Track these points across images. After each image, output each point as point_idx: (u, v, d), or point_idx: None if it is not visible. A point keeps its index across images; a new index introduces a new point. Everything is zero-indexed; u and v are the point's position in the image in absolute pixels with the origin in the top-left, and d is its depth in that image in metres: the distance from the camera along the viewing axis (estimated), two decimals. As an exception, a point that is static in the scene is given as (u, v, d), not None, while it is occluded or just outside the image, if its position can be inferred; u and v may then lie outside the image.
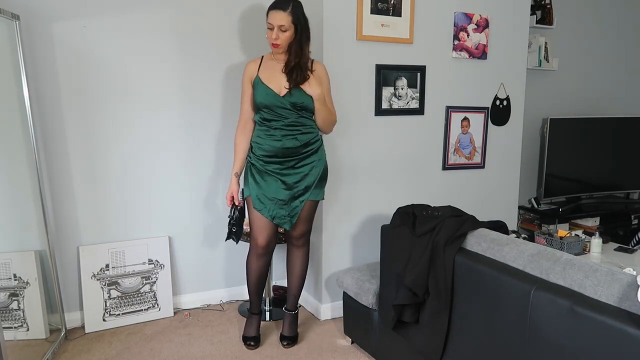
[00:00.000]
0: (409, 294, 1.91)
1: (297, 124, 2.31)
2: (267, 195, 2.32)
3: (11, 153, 2.51)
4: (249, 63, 2.39)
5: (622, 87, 4.24)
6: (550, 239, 2.93)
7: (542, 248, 1.62)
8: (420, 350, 1.94)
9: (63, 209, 2.66)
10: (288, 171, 2.33)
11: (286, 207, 2.34)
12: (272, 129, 2.30)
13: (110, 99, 2.67)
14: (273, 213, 2.34)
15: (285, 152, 2.30)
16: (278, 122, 2.29)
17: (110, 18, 2.60)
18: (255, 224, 2.37)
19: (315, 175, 2.36)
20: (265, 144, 2.32)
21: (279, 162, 2.32)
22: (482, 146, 3.17)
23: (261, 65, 2.35)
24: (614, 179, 4.01)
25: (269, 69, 2.33)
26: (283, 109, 2.28)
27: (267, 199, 2.33)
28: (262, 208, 2.33)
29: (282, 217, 2.35)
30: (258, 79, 2.32)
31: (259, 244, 2.39)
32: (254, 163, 2.36)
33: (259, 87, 2.30)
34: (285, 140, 2.29)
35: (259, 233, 2.37)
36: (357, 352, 2.49)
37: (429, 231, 1.91)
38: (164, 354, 2.46)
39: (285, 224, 2.37)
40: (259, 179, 2.33)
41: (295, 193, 2.34)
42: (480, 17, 2.98)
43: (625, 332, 1.23)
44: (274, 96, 2.27)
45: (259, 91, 2.29)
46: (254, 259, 2.43)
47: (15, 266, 2.50)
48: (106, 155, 2.71)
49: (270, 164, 2.32)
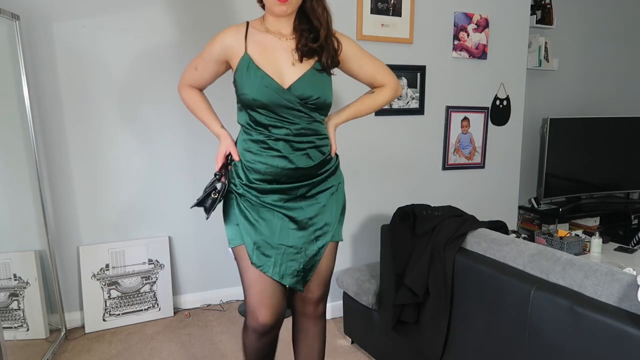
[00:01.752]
0: (409, 294, 1.91)
1: (310, 132, 1.54)
2: (269, 242, 1.54)
3: (11, 153, 2.51)
4: (227, 30, 1.56)
5: (622, 87, 4.24)
6: (550, 239, 2.93)
7: (542, 248, 1.61)
8: (420, 350, 1.94)
9: (63, 209, 2.66)
10: (297, 203, 1.56)
11: (299, 257, 1.56)
12: (273, 140, 1.52)
13: (110, 99, 2.67)
14: (282, 269, 1.54)
15: (292, 175, 1.53)
16: (281, 129, 1.51)
17: (110, 18, 2.60)
18: (254, 290, 1.55)
19: (337, 206, 1.64)
20: (260, 163, 1.53)
21: (282, 190, 1.54)
22: (482, 146, 3.17)
23: (248, 37, 1.53)
24: (614, 179, 4.01)
25: (262, 44, 1.53)
26: (289, 110, 1.50)
27: (270, 248, 1.54)
28: (264, 263, 1.53)
29: (294, 275, 1.57)
30: (248, 60, 1.50)
31: (261, 319, 1.56)
32: (242, 193, 1.56)
33: (251, 73, 1.49)
34: (293, 158, 1.52)
35: (261, 305, 1.55)
36: (357, 352, 2.49)
37: (429, 231, 1.91)
38: (164, 354, 2.46)
39: (299, 285, 1.58)
40: (254, 218, 1.54)
41: (312, 234, 1.58)
42: (480, 17, 2.98)
43: (625, 332, 1.23)
44: (277, 89, 1.48)
45: (251, 80, 1.48)
46: (254, 339, 1.62)
47: (15, 266, 2.50)
48: (106, 155, 2.71)
49: (268, 193, 1.54)
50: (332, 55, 1.55)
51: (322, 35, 1.52)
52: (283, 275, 1.55)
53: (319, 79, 1.54)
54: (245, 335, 1.66)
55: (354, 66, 1.66)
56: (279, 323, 1.63)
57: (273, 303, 1.56)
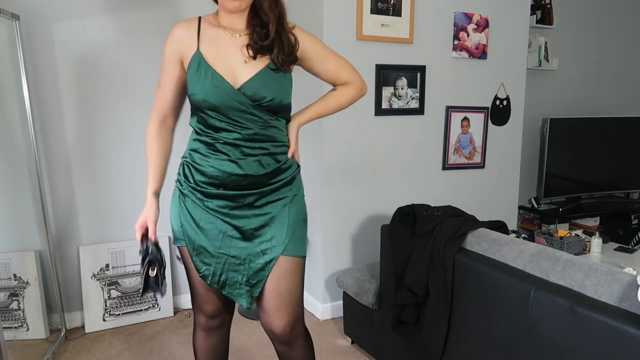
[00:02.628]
0: (409, 294, 1.91)
1: (263, 137, 1.43)
2: (209, 250, 1.47)
3: (11, 153, 2.51)
4: (177, 27, 1.48)
5: (622, 87, 4.24)
6: (550, 239, 2.93)
7: (542, 248, 1.61)
8: (420, 350, 1.94)
9: (63, 209, 2.66)
10: (243, 212, 1.45)
11: (242, 268, 1.47)
12: (221, 143, 1.42)
13: (110, 99, 2.67)
14: (222, 279, 1.48)
15: (240, 181, 1.43)
16: (232, 133, 1.41)
17: (110, 18, 2.60)
18: (198, 287, 1.55)
19: (290, 219, 1.48)
20: (208, 165, 1.44)
21: (228, 196, 1.44)
22: (482, 146, 3.17)
23: (200, 33, 1.45)
24: (614, 179, 4.01)
25: (214, 41, 1.44)
26: (241, 112, 1.39)
27: (209, 256, 1.47)
28: (203, 270, 1.48)
29: (236, 287, 1.48)
30: (199, 57, 1.41)
31: (209, 313, 1.57)
32: (186, 194, 1.49)
33: (202, 71, 1.40)
34: (242, 164, 1.42)
35: (207, 302, 1.56)
36: (357, 352, 2.49)
37: (429, 231, 1.91)
38: (164, 354, 2.46)
39: (242, 299, 1.48)
40: (196, 222, 1.47)
41: (257, 246, 1.46)
42: (480, 17, 2.98)
43: (625, 332, 1.23)
44: (227, 89, 1.38)
45: (202, 79, 1.39)
46: (202, 337, 1.62)
47: (15, 266, 2.50)
48: (106, 155, 2.71)
49: (213, 198, 1.45)
50: (287, 52, 1.43)
51: (271, 30, 1.41)
52: (223, 285, 1.49)
53: (274, 78, 1.42)
54: (195, 338, 1.64)
55: (315, 64, 1.53)
56: (227, 317, 1.63)
57: (220, 299, 1.55)
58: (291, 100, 1.49)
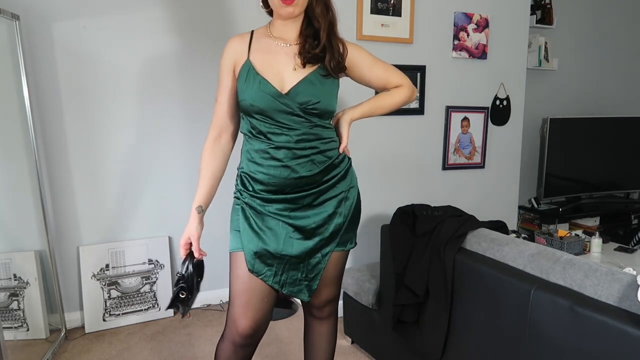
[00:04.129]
0: (409, 294, 1.91)
1: (312, 137, 1.48)
2: (272, 252, 1.49)
3: (11, 153, 2.51)
4: (232, 40, 1.55)
5: (622, 87, 4.24)
6: (550, 239, 2.93)
7: (542, 248, 1.61)
8: (420, 350, 1.94)
9: (63, 209, 2.66)
10: (303, 212, 1.50)
11: (302, 266, 1.52)
12: (273, 148, 1.46)
13: (110, 99, 2.67)
14: (282, 278, 1.51)
15: (296, 184, 1.48)
16: (281, 136, 1.45)
17: (110, 18, 2.60)
18: (240, 301, 1.51)
19: (346, 213, 1.56)
20: (263, 174, 1.48)
21: (287, 200, 1.49)
22: (482, 146, 3.17)
23: (252, 44, 1.51)
24: (614, 179, 4.01)
25: (265, 50, 1.49)
26: (287, 115, 1.44)
27: (272, 257, 1.49)
28: (264, 271, 1.49)
29: (296, 284, 1.53)
30: (249, 66, 1.47)
31: (241, 330, 1.51)
32: (248, 202, 1.51)
33: (250, 78, 1.45)
34: (295, 167, 1.46)
35: (244, 317, 1.50)
36: (357, 352, 2.49)
37: (429, 231, 1.91)
38: (164, 354, 2.46)
39: (303, 294, 1.55)
40: (259, 226, 1.50)
41: (316, 244, 1.51)
42: (480, 17, 2.98)
43: (625, 332, 1.23)
44: (273, 93, 1.43)
45: (250, 85, 1.45)
46: (230, 350, 1.55)
47: (15, 266, 2.50)
48: (106, 155, 2.71)
49: (272, 202, 1.49)
50: (337, 59, 1.48)
51: (322, 37, 1.46)
52: (283, 284, 1.52)
53: (322, 83, 1.47)
54: (220, 345, 1.57)
55: (364, 71, 1.59)
56: (258, 336, 1.57)
57: (257, 316, 1.51)
58: (336, 108, 1.54)
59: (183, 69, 2.78)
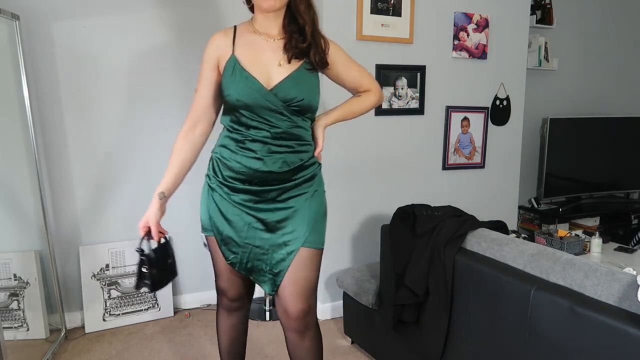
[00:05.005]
0: (409, 294, 1.91)
1: (290, 136, 1.52)
2: (235, 240, 1.56)
3: (11, 153, 2.51)
4: (215, 35, 1.56)
5: (622, 87, 4.24)
6: (550, 239, 2.93)
7: (542, 248, 1.62)
8: (420, 350, 1.94)
9: (63, 209, 2.66)
10: (267, 205, 1.54)
11: (266, 258, 1.56)
12: (250, 140, 1.51)
13: (110, 99, 2.67)
14: (248, 266, 1.59)
15: (265, 177, 1.52)
16: (260, 131, 1.50)
17: (110, 18, 2.60)
18: (224, 273, 1.68)
19: (312, 212, 1.57)
20: (235, 161, 1.52)
21: (253, 192, 1.53)
22: (482, 146, 3.17)
23: (236, 39, 1.53)
24: (614, 179, 4.01)
25: (249, 45, 1.52)
26: (272, 112, 1.48)
27: (236, 245, 1.57)
28: (231, 258, 1.59)
29: (261, 274, 1.59)
30: (234, 61, 1.49)
31: (231, 297, 1.72)
32: (214, 188, 1.59)
33: (236, 73, 1.48)
34: (268, 161, 1.50)
35: (230, 284, 1.69)
36: (357, 352, 2.49)
37: (429, 231, 1.91)
38: (164, 354, 2.46)
39: (266, 285, 1.59)
40: (225, 211, 1.56)
41: (280, 238, 1.55)
42: (480, 17, 2.98)
43: (625, 332, 1.23)
44: (259, 90, 1.47)
45: (236, 81, 1.48)
46: (224, 316, 1.78)
47: (15, 266, 2.50)
48: (106, 155, 2.71)
49: (239, 192, 1.54)
50: (321, 53, 1.53)
51: (307, 32, 1.51)
52: (250, 271, 1.60)
53: (307, 79, 1.52)
54: (218, 316, 1.79)
55: (340, 69, 1.63)
56: (247, 300, 1.77)
57: (242, 284, 1.69)
58: (319, 104, 1.57)
59: (183, 69, 2.78)
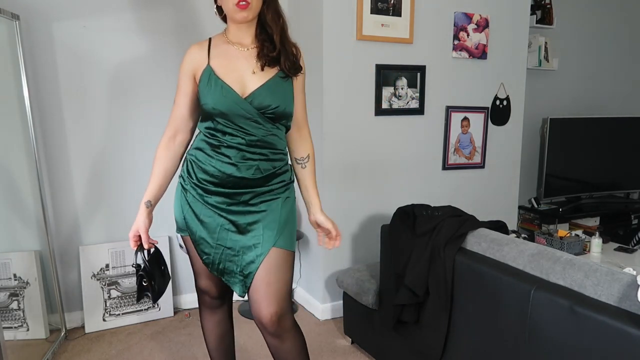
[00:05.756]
0: (409, 294, 1.91)
1: (264, 144, 1.55)
2: (208, 241, 1.59)
3: (11, 153, 2.51)
4: (191, 47, 1.60)
5: (622, 87, 4.24)
6: (550, 239, 2.93)
7: (542, 248, 1.62)
8: (420, 350, 1.94)
9: (63, 209, 2.66)
10: (239, 207, 1.57)
11: (237, 259, 1.58)
12: (225, 146, 1.54)
13: (110, 99, 2.67)
14: (220, 267, 1.60)
15: (237, 182, 1.55)
16: (235, 138, 1.53)
17: (110, 18, 2.60)
18: (200, 272, 1.70)
19: (283, 216, 1.59)
20: (210, 165, 1.55)
21: (226, 194, 1.56)
22: (482, 146, 3.17)
23: (210, 50, 1.57)
24: (614, 179, 4.01)
25: (224, 55, 1.56)
26: (247, 120, 1.51)
27: (209, 246, 1.59)
28: (205, 258, 1.62)
29: (232, 275, 1.61)
30: (210, 71, 1.53)
31: (213, 295, 1.73)
32: (187, 189, 1.61)
33: (212, 83, 1.52)
34: (241, 167, 1.53)
35: (209, 282, 1.71)
36: (357, 352, 2.49)
37: (429, 231, 1.91)
38: (164, 354, 2.46)
39: (237, 287, 1.61)
40: (199, 212, 1.59)
41: (250, 240, 1.56)
42: (480, 17, 2.98)
43: (625, 332, 1.23)
44: (235, 98, 1.50)
45: (212, 90, 1.51)
46: (207, 315, 1.79)
47: (15, 266, 2.50)
48: (106, 155, 2.71)
49: (212, 194, 1.56)
50: (292, 60, 1.56)
51: (276, 41, 1.53)
52: (222, 273, 1.61)
53: (281, 87, 1.55)
54: (202, 316, 1.80)
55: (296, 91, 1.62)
56: (228, 296, 1.79)
57: (220, 282, 1.68)
58: (293, 109, 1.60)
59: (183, 69, 2.78)
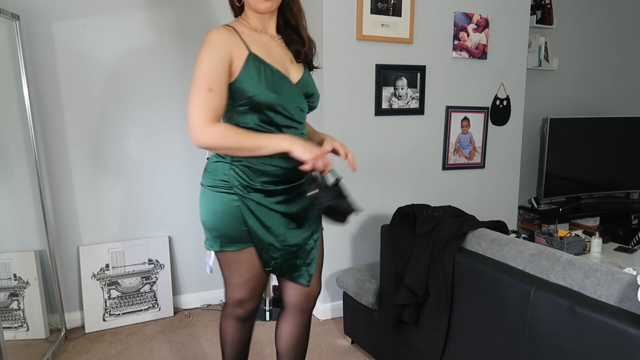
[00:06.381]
0: (409, 294, 1.91)
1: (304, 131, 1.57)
2: (275, 245, 1.53)
3: (11, 153, 2.51)
4: (219, 31, 1.42)
5: (621, 87, 4.24)
6: (550, 239, 2.93)
7: (542, 248, 1.61)
8: (420, 350, 1.94)
9: (63, 209, 2.66)
10: (296, 202, 1.55)
11: (300, 253, 1.59)
12: None
13: (110, 99, 2.67)
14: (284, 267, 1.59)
15: (295, 175, 1.50)
16: (290, 129, 1.47)
17: (110, 18, 2.60)
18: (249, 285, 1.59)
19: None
20: (269, 165, 1.45)
21: (287, 190, 1.51)
22: (482, 146, 3.17)
23: (242, 37, 1.44)
24: (614, 179, 4.01)
25: (259, 43, 1.45)
26: (297, 108, 1.48)
27: (276, 250, 1.54)
28: (273, 263, 1.56)
29: (296, 269, 1.60)
30: (258, 59, 1.41)
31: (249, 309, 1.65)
32: (252, 198, 1.47)
33: (266, 71, 1.40)
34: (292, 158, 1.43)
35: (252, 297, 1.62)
36: (357, 352, 2.49)
37: (429, 231, 1.91)
38: (164, 354, 2.46)
39: (302, 279, 1.61)
40: (264, 218, 1.50)
41: (307, 231, 1.59)
42: (480, 17, 2.98)
43: (625, 332, 1.23)
44: (291, 87, 1.45)
45: (268, 78, 1.40)
46: (236, 327, 1.69)
47: (15, 266, 2.50)
48: (106, 155, 2.71)
49: (274, 195, 1.49)
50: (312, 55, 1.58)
51: (304, 34, 1.54)
52: (285, 272, 1.60)
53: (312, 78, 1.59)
54: (226, 327, 1.70)
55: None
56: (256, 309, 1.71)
57: (260, 294, 1.65)
58: None
59: (183, 69, 2.78)
